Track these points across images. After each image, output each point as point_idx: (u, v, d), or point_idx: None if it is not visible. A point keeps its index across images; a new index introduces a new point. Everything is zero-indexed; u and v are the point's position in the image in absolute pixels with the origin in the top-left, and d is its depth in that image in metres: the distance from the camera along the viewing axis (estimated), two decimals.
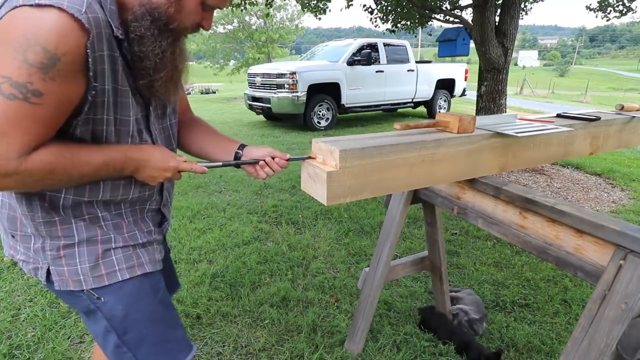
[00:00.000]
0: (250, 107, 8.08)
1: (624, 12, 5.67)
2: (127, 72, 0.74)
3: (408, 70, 8.41)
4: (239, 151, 0.96)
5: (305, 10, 6.53)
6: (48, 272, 0.82)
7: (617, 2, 5.64)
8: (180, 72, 0.82)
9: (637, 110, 1.64)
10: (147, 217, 0.93)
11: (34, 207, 0.77)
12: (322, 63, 7.60)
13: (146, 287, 0.89)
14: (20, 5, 0.60)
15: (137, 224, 0.90)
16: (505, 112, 5.10)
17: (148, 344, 0.89)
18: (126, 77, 0.75)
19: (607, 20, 5.97)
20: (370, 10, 6.55)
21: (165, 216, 1.00)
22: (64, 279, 0.81)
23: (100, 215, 0.83)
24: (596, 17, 5.93)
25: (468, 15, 5.87)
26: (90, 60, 0.65)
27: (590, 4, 5.95)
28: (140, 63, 0.73)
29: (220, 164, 0.91)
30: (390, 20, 6.59)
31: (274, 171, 0.93)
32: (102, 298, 0.84)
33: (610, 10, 5.78)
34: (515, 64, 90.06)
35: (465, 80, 9.66)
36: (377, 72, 7.85)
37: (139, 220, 0.91)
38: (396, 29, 6.70)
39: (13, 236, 0.83)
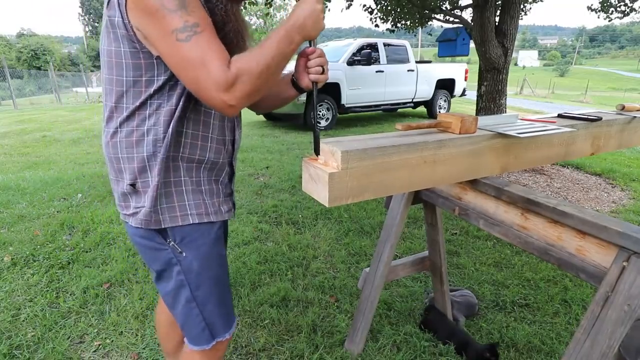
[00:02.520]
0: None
1: (626, 12, 5.65)
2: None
3: (408, 70, 8.40)
4: (293, 78, 1.06)
5: None
6: (137, 215, 0.93)
7: (619, 2, 5.63)
8: (243, 28, 0.95)
9: (637, 111, 1.64)
10: (220, 186, 1.03)
11: (139, 146, 0.88)
12: None
13: (216, 251, 1.01)
14: None
15: (213, 184, 1.01)
16: (505, 112, 5.10)
17: (212, 304, 1.02)
18: None
19: (609, 21, 5.96)
20: (370, 10, 6.54)
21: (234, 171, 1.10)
22: (147, 220, 0.92)
23: (183, 179, 0.95)
24: (598, 17, 5.91)
25: (468, 15, 5.87)
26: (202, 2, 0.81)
27: (592, 4, 5.94)
28: (214, 17, 0.86)
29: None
30: (390, 20, 6.59)
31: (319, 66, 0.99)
32: (184, 253, 0.96)
33: (612, 11, 5.77)
34: (515, 64, 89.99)
35: (465, 80, 9.65)
36: (377, 72, 7.84)
37: (214, 183, 1.02)
38: (396, 29, 6.69)
39: (124, 189, 0.93)
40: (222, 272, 1.04)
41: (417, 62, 8.73)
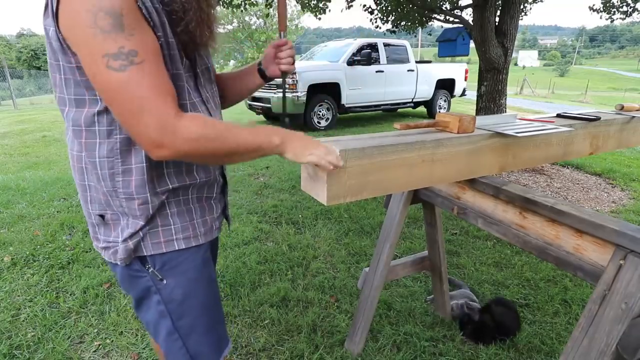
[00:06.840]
0: (250, 107, 8.07)
1: (628, 13, 5.64)
2: (169, 23, 0.75)
3: (408, 70, 8.41)
4: (260, 68, 1.07)
5: (305, 10, 6.52)
6: (110, 251, 0.84)
7: (621, 3, 5.61)
8: (209, 15, 0.82)
9: (637, 110, 1.64)
10: (212, 202, 0.94)
11: (116, 182, 0.78)
12: (322, 63, 7.59)
13: (205, 275, 0.91)
14: None
15: (204, 209, 0.91)
16: (505, 112, 5.10)
17: (198, 333, 0.91)
18: (170, 29, 0.75)
19: (611, 21, 5.95)
20: (370, 10, 6.54)
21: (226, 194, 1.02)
22: (124, 257, 0.83)
23: (172, 209, 0.85)
24: (600, 18, 5.88)
25: (468, 15, 5.87)
26: (144, 11, 0.67)
27: (594, 5, 5.93)
28: (172, 6, 0.74)
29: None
30: (391, 21, 6.58)
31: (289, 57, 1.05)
32: (165, 280, 0.86)
33: (615, 11, 5.75)
34: (515, 64, 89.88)
35: (465, 80, 9.65)
36: (377, 72, 7.84)
37: (205, 206, 0.92)
38: (396, 30, 6.69)
39: (92, 220, 0.84)
40: (211, 296, 0.93)
41: (417, 62, 8.74)
